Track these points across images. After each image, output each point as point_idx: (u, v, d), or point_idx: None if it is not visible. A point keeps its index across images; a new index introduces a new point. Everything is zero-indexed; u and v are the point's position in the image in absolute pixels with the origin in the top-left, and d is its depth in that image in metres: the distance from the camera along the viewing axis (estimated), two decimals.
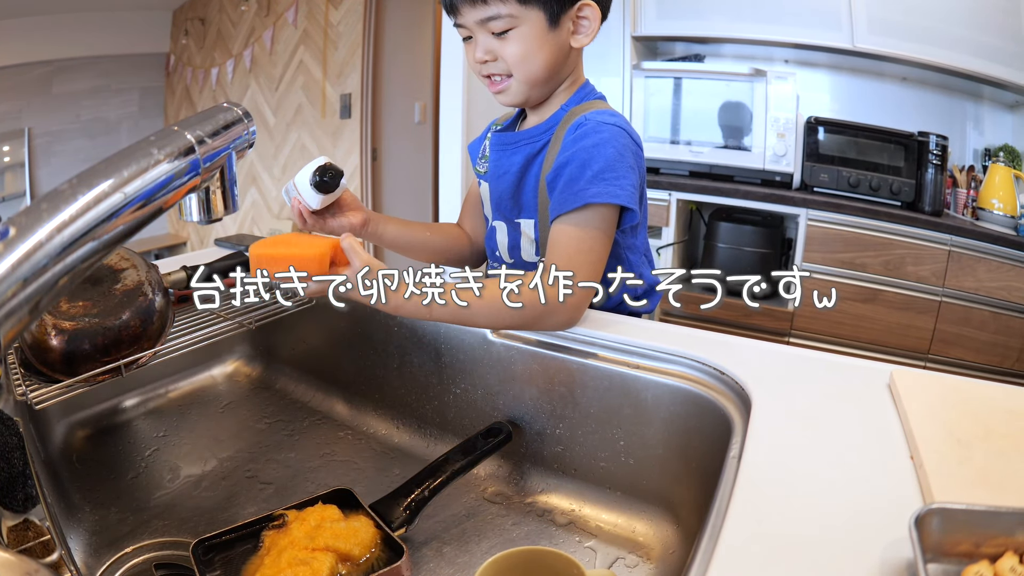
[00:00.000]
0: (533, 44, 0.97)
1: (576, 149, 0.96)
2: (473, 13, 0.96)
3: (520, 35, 0.96)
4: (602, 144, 0.96)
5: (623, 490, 0.88)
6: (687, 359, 0.84)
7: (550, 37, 0.98)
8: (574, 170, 0.95)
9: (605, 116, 1.00)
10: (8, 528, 0.61)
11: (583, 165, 0.95)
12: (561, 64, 1.02)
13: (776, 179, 2.88)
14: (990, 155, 2.78)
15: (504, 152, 1.10)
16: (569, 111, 1.05)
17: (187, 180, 0.54)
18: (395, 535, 0.74)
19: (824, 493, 0.56)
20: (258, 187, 4.36)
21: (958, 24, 2.59)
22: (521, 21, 0.95)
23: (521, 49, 0.97)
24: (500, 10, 0.94)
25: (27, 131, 4.23)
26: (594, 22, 1.00)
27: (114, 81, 4.66)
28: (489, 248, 1.19)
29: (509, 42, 0.97)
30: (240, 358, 1.28)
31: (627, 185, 0.95)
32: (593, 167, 0.94)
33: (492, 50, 0.98)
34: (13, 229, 0.41)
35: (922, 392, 0.71)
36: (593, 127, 0.98)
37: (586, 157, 0.95)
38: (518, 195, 1.09)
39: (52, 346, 0.83)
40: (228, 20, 4.46)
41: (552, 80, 1.04)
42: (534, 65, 0.99)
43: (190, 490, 0.93)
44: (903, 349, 2.65)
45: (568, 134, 1.00)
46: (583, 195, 0.93)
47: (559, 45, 0.99)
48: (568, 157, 0.97)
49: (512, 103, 1.06)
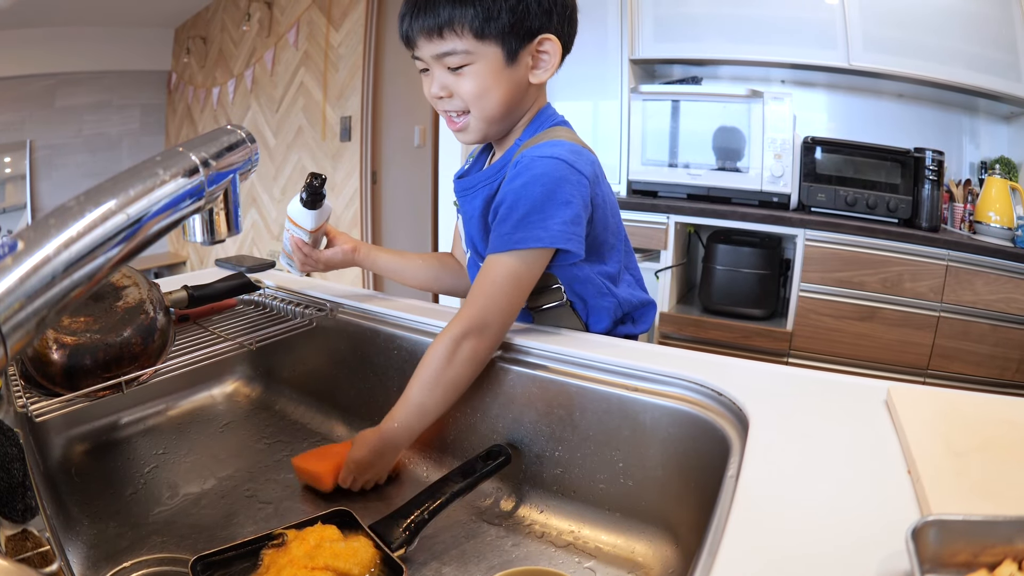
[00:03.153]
0: (489, 80, 0.95)
1: (507, 190, 0.96)
2: (429, 47, 0.95)
3: (476, 72, 0.95)
4: (531, 183, 0.94)
5: (622, 511, 0.88)
6: (685, 381, 0.84)
7: (507, 74, 0.96)
8: (504, 212, 0.95)
9: (544, 149, 0.97)
10: (7, 537, 0.61)
11: (511, 208, 0.94)
12: (519, 100, 1.00)
13: (773, 200, 2.89)
14: (986, 168, 2.80)
15: (466, 198, 1.09)
16: (520, 146, 1.02)
17: (192, 201, 0.55)
18: (395, 555, 0.74)
19: (821, 509, 0.56)
20: (258, 208, 4.38)
21: (952, 38, 2.61)
22: (477, 58, 0.94)
23: (476, 86, 0.95)
24: (456, 46, 0.93)
25: (29, 143, 4.25)
26: (554, 56, 0.98)
27: (116, 97, 4.70)
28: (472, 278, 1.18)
29: (464, 79, 0.95)
30: (240, 378, 1.28)
31: (554, 225, 0.93)
32: (519, 210, 0.93)
33: (447, 86, 0.97)
34: (21, 243, 0.42)
35: (919, 407, 0.71)
36: (527, 164, 0.95)
37: (514, 199, 0.94)
38: (486, 236, 1.05)
39: (53, 360, 0.83)
40: (230, 40, 4.49)
41: (510, 116, 1.02)
42: (490, 102, 0.97)
43: (189, 507, 0.93)
44: (902, 365, 2.65)
45: (510, 170, 0.98)
46: (508, 240, 0.93)
47: (516, 82, 0.98)
48: (501, 198, 0.97)
49: (472, 141, 1.05)
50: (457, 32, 0.92)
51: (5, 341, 0.38)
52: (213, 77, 4.61)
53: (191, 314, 1.15)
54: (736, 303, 2.92)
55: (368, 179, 3.95)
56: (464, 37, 0.92)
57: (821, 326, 2.74)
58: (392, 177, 4.17)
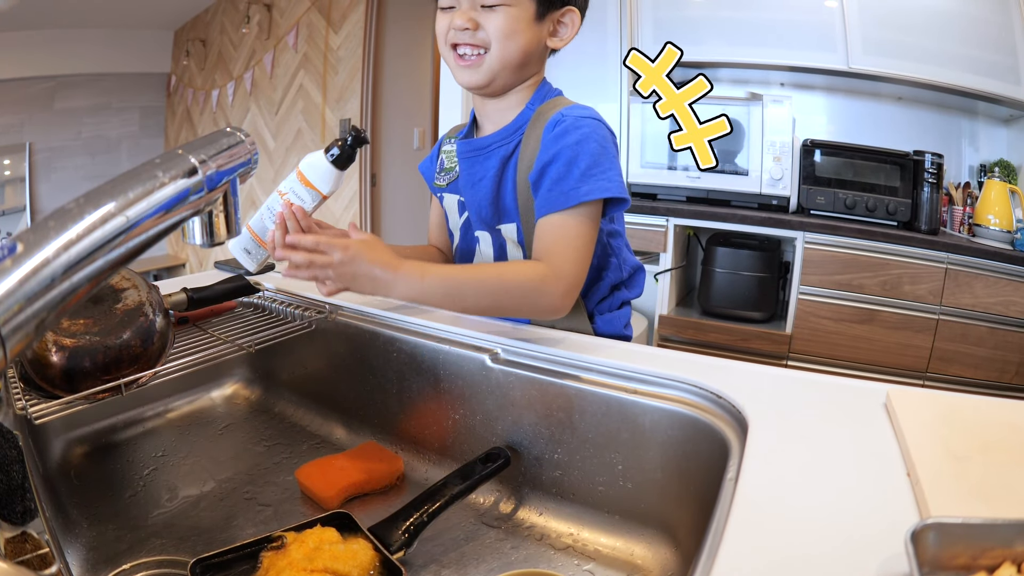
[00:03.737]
0: (518, 25, 0.99)
1: (560, 147, 0.98)
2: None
3: (509, 13, 0.98)
4: (585, 140, 0.98)
5: (621, 513, 0.88)
6: (684, 384, 0.84)
7: (534, 28, 1.00)
8: (561, 168, 0.97)
9: (581, 111, 1.03)
10: (6, 540, 0.61)
11: (570, 163, 0.97)
12: (533, 58, 1.04)
13: (773, 203, 2.90)
14: (986, 171, 2.81)
15: (476, 160, 1.10)
16: (536, 110, 1.06)
17: (191, 203, 0.55)
18: (394, 558, 0.74)
19: (820, 512, 0.56)
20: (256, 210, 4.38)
21: (951, 41, 2.62)
22: (514, 2, 0.97)
23: (507, 25, 0.98)
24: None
25: (28, 146, 4.25)
26: (572, 29, 1.04)
27: (115, 99, 4.70)
28: (466, 260, 1.19)
29: (496, 14, 0.98)
30: (239, 381, 1.28)
31: (615, 177, 0.98)
32: (580, 164, 0.96)
33: (475, 19, 0.98)
34: (21, 245, 0.42)
35: (918, 410, 0.71)
36: (573, 123, 1.00)
37: (572, 155, 0.97)
38: (498, 200, 1.09)
39: (52, 362, 0.83)
40: (229, 42, 4.50)
41: (521, 71, 1.04)
42: (514, 45, 1.00)
43: (188, 510, 0.93)
44: (902, 368, 2.66)
45: (547, 132, 1.01)
46: (575, 194, 0.96)
47: (538, 39, 1.02)
48: (553, 155, 0.98)
49: (477, 82, 1.04)
50: None
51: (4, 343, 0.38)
52: (212, 80, 4.62)
53: (190, 316, 1.15)
54: (735, 306, 2.92)
55: (368, 181, 3.95)
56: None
57: (820, 329, 2.74)
58: (392, 179, 4.18)
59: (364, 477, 0.96)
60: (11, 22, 3.82)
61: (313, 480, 0.95)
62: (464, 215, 1.15)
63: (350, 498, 0.95)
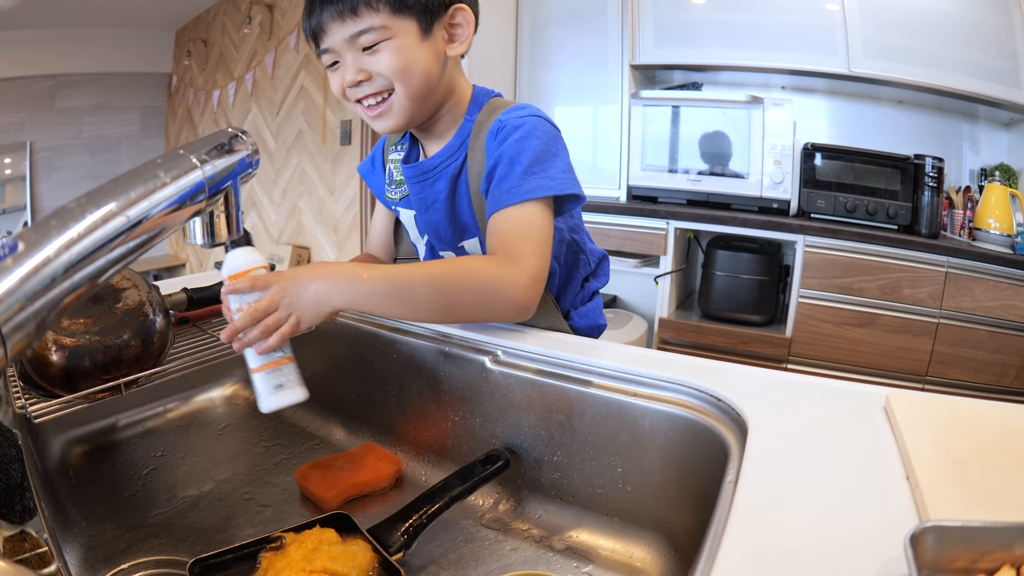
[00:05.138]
0: (409, 54, 0.92)
1: (502, 149, 0.95)
2: (342, 30, 0.90)
3: (394, 47, 0.91)
4: (526, 137, 0.95)
5: (621, 516, 0.88)
6: (684, 386, 0.84)
7: (425, 47, 0.93)
8: (504, 169, 0.94)
9: (520, 111, 0.99)
10: (5, 539, 0.61)
11: (511, 162, 0.94)
12: (439, 76, 0.97)
13: (773, 206, 2.90)
14: (986, 175, 2.81)
15: (425, 183, 1.06)
16: (476, 120, 1.02)
17: (194, 204, 0.55)
18: (393, 559, 0.74)
19: (820, 515, 0.56)
20: (258, 211, 4.38)
21: (952, 44, 2.62)
22: (393, 32, 0.90)
23: (397, 59, 0.91)
24: (372, 21, 0.89)
25: (29, 144, 4.26)
26: (467, 26, 0.97)
27: (116, 99, 4.70)
28: None
29: (382, 55, 0.91)
30: (239, 381, 1.28)
31: (557, 174, 0.94)
32: (522, 162, 0.93)
33: (364, 68, 0.92)
34: (22, 244, 0.42)
35: (918, 413, 0.71)
36: (513, 124, 0.96)
37: (513, 153, 0.94)
38: (455, 219, 1.06)
39: (52, 361, 0.83)
40: (230, 42, 4.50)
41: (432, 95, 0.98)
42: (414, 77, 0.93)
43: (187, 510, 0.93)
44: (901, 372, 2.66)
45: (489, 140, 0.98)
46: (518, 192, 0.92)
47: (436, 54, 0.95)
48: (496, 158, 0.96)
49: (395, 126, 0.98)
50: (373, 7, 0.88)
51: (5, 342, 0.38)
52: (214, 80, 4.62)
53: (190, 316, 1.15)
54: (735, 309, 2.92)
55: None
56: (380, 12, 0.89)
57: (820, 332, 2.74)
58: None
59: (363, 478, 0.96)
60: (12, 21, 3.83)
61: (312, 481, 0.95)
62: (425, 237, 1.11)
63: (349, 499, 0.95)
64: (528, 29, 3.39)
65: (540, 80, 3.38)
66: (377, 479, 0.97)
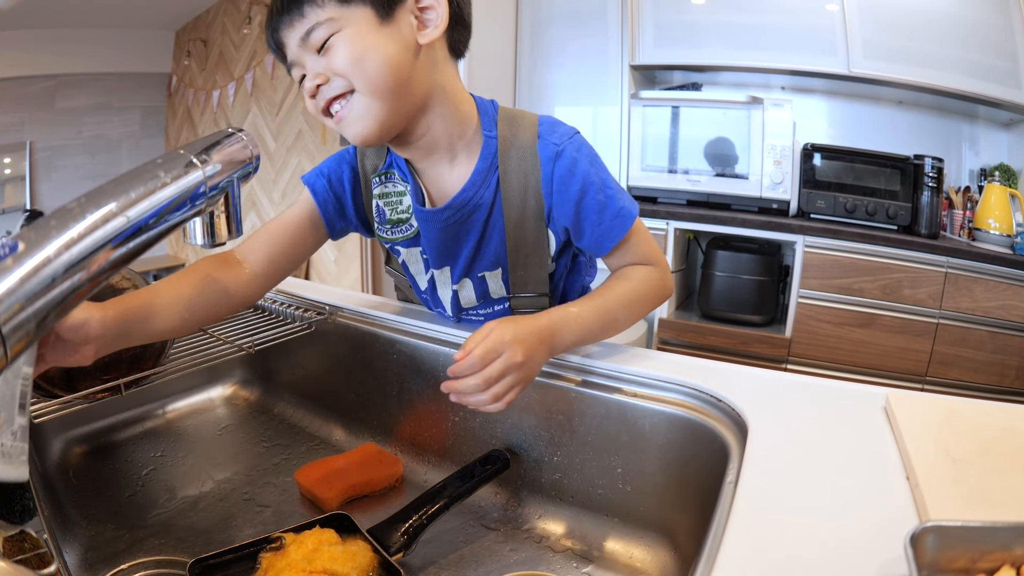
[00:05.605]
0: (365, 40, 0.80)
1: (584, 178, 0.90)
2: (293, 35, 0.81)
3: (345, 38, 0.79)
4: (593, 161, 0.92)
5: (620, 516, 0.88)
6: (684, 387, 0.84)
7: (385, 32, 0.81)
8: (598, 196, 0.91)
9: (560, 129, 0.93)
10: (4, 539, 0.61)
11: (601, 187, 0.91)
12: (409, 67, 0.83)
13: (773, 207, 2.90)
14: (986, 175, 2.81)
15: (458, 219, 0.93)
16: (499, 137, 0.92)
17: (193, 204, 0.55)
18: (392, 560, 0.74)
19: (820, 515, 0.56)
20: (257, 212, 4.37)
21: (952, 45, 2.62)
22: (343, 23, 0.79)
23: (350, 50, 0.79)
24: (318, 16, 0.79)
25: (28, 144, 4.25)
26: (439, 8, 0.83)
27: (116, 99, 4.69)
28: (435, 303, 1.06)
29: (334, 50, 0.80)
30: (239, 382, 1.28)
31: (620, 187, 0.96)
32: (610, 184, 0.92)
33: (320, 71, 0.81)
34: (22, 244, 0.42)
35: (918, 413, 0.71)
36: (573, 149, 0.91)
37: (597, 180, 0.91)
38: (480, 252, 0.96)
39: None
40: (230, 42, 4.49)
41: (406, 92, 0.84)
42: (372, 64, 0.80)
43: (187, 510, 0.93)
44: (901, 372, 2.66)
45: (546, 168, 0.90)
46: (627, 212, 0.93)
47: (401, 42, 0.81)
48: (581, 189, 0.90)
49: (366, 132, 0.84)
50: (318, 3, 0.79)
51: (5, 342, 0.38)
52: (213, 80, 4.61)
53: None
54: (735, 309, 2.92)
55: None
56: (326, 5, 0.79)
57: (820, 332, 2.74)
58: None
59: (363, 479, 0.96)
60: (12, 21, 3.82)
61: (312, 481, 0.95)
62: (431, 273, 1.02)
63: (349, 500, 0.95)
64: (528, 29, 3.39)
65: (540, 80, 3.38)
66: (377, 479, 0.97)
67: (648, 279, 0.95)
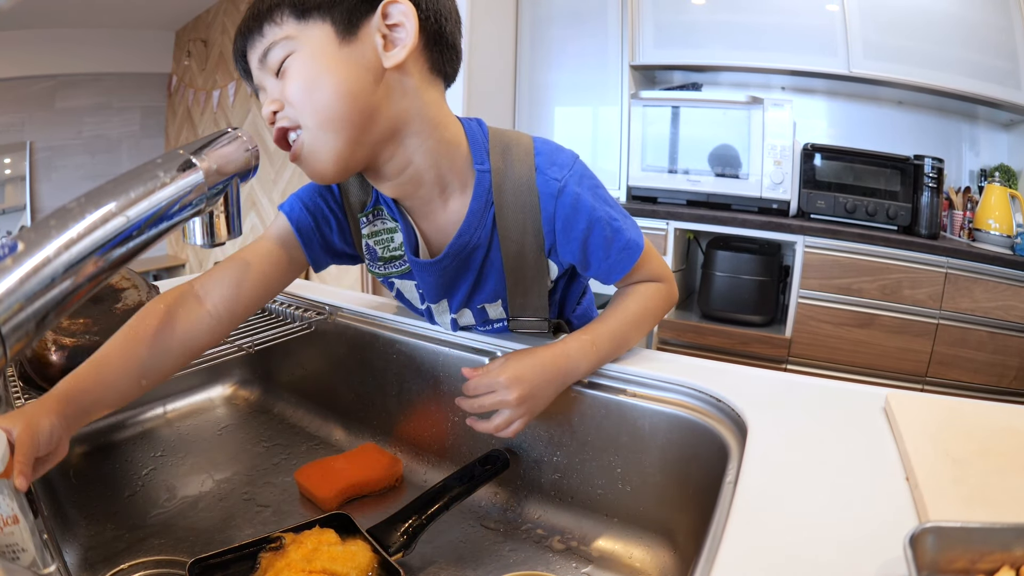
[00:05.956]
0: (317, 65, 0.71)
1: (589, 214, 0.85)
2: (253, 56, 0.74)
3: (298, 61, 0.71)
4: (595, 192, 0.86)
5: (620, 516, 0.88)
6: (683, 387, 0.84)
7: (343, 55, 0.71)
8: (604, 232, 0.86)
9: (558, 158, 0.86)
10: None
11: (607, 222, 0.86)
12: (370, 94, 0.73)
13: (773, 207, 2.90)
14: (986, 175, 2.81)
15: (460, 262, 0.88)
16: (492, 170, 0.84)
17: (193, 204, 0.55)
18: (392, 560, 0.74)
19: (819, 516, 0.56)
20: (257, 212, 4.37)
21: (952, 45, 2.62)
22: (299, 43, 0.71)
23: (302, 76, 0.71)
24: (275, 35, 0.71)
25: (28, 144, 4.25)
26: (408, 23, 0.72)
27: (116, 99, 4.69)
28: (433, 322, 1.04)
29: (288, 75, 0.72)
30: (238, 381, 1.28)
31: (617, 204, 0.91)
32: (615, 217, 0.87)
33: (276, 97, 0.73)
34: (22, 244, 0.42)
35: (917, 414, 0.71)
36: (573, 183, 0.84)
37: (603, 215, 0.85)
38: (478, 288, 0.93)
39: (52, 361, 0.83)
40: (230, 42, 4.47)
41: (365, 121, 0.73)
42: (323, 94, 0.71)
43: (187, 510, 0.93)
44: (901, 373, 2.66)
45: (547, 204, 0.84)
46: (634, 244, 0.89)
47: (361, 65, 0.72)
48: (587, 226, 0.85)
49: (322, 171, 0.75)
50: (276, 20, 0.71)
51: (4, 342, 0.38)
52: (213, 80, 4.61)
53: None
54: (735, 309, 2.92)
55: None
56: (284, 22, 0.71)
57: (820, 333, 2.74)
58: None
59: (363, 479, 0.96)
60: (11, 21, 3.82)
61: (312, 481, 0.95)
62: (426, 304, 0.99)
63: (349, 499, 0.95)
64: (528, 29, 3.39)
65: (540, 80, 3.38)
66: (377, 479, 0.97)
67: (656, 296, 0.95)
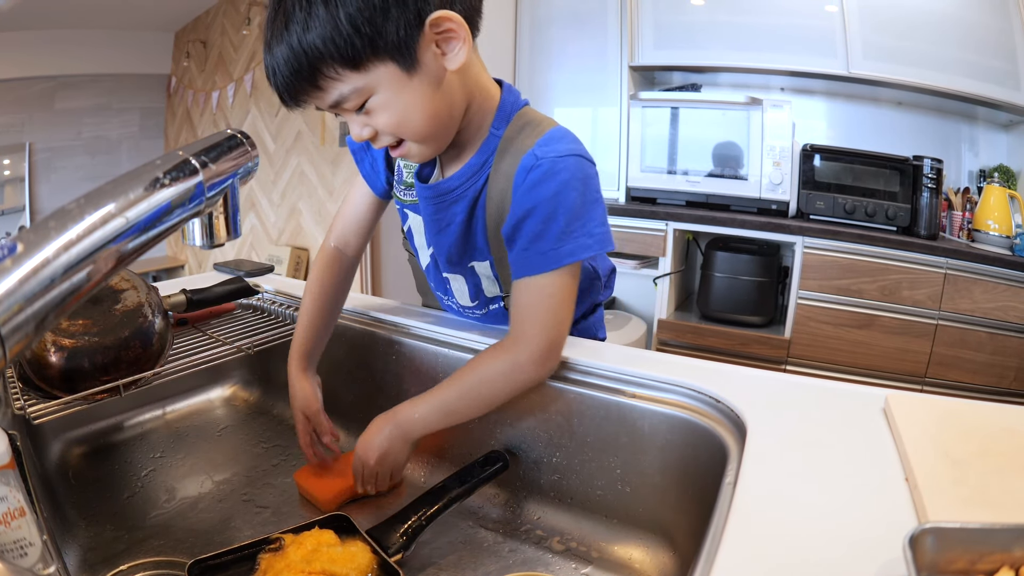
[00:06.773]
0: (400, 102, 0.78)
1: (536, 200, 0.84)
2: (317, 101, 0.79)
3: (380, 103, 0.78)
4: (563, 190, 0.83)
5: (619, 517, 0.88)
6: (683, 388, 0.84)
7: (416, 83, 0.78)
8: (538, 225, 0.84)
9: (557, 147, 0.86)
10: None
11: (547, 219, 0.83)
12: (448, 100, 0.82)
13: (772, 208, 2.90)
14: (985, 176, 2.81)
15: (441, 205, 0.94)
16: (503, 136, 0.89)
17: (192, 205, 0.55)
18: (391, 560, 0.74)
19: (819, 516, 0.56)
20: (257, 213, 4.37)
21: (951, 46, 2.63)
22: (371, 87, 0.76)
23: (390, 117, 0.79)
24: (341, 90, 0.76)
25: (28, 145, 4.25)
26: (459, 30, 0.77)
27: (115, 100, 4.70)
28: (439, 294, 1.10)
29: (374, 114, 0.79)
30: (238, 383, 1.28)
31: (596, 228, 0.86)
32: (559, 221, 0.83)
33: (367, 125, 0.81)
34: (21, 245, 0.42)
35: (917, 415, 0.71)
36: (549, 168, 0.83)
37: (550, 209, 0.83)
38: (468, 243, 0.96)
39: (51, 362, 0.83)
40: (229, 44, 4.49)
41: (450, 120, 0.85)
42: (416, 123, 0.81)
43: (186, 511, 0.93)
44: (900, 373, 2.66)
45: (519, 177, 0.85)
46: (554, 255, 0.84)
47: (432, 83, 0.79)
48: (528, 209, 0.84)
49: (426, 159, 0.89)
50: (330, 75, 0.75)
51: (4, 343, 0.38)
52: (213, 81, 4.61)
53: (189, 318, 1.15)
54: (734, 310, 2.92)
55: None
56: (342, 76, 0.75)
57: (819, 334, 2.74)
58: None
59: None
60: (11, 22, 3.82)
61: (311, 482, 0.95)
62: (431, 248, 1.02)
63: (348, 501, 0.95)
64: (528, 30, 3.39)
65: (540, 81, 3.38)
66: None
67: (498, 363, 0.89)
